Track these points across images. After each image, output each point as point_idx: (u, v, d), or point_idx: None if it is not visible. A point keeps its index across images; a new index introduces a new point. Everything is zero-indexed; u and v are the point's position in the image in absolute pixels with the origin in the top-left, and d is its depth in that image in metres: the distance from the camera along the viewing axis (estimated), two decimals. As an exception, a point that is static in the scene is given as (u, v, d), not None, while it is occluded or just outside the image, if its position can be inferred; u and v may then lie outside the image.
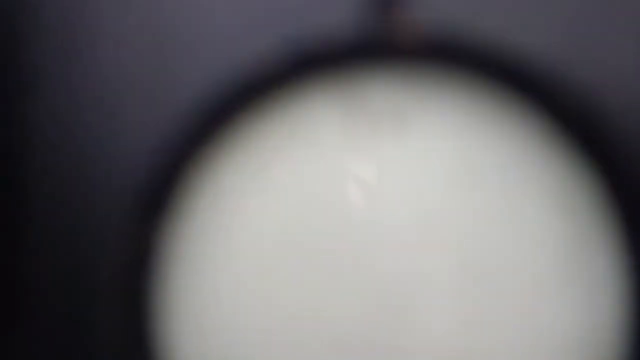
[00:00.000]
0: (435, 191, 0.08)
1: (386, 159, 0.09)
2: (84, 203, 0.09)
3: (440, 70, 0.08)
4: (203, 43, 0.09)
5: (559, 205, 0.08)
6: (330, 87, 0.09)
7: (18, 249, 0.10)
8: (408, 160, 0.08)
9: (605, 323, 0.09)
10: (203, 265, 0.09)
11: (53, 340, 0.09)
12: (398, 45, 0.08)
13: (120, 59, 0.09)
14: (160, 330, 0.09)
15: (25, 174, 0.09)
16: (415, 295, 0.08)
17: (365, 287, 0.08)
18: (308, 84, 0.09)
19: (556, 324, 0.08)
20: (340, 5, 0.09)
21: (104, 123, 0.09)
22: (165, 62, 0.09)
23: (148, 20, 0.09)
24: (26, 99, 0.09)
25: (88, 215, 0.09)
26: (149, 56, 0.09)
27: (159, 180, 0.08)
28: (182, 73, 0.09)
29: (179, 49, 0.09)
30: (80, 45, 0.09)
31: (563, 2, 0.09)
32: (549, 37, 0.09)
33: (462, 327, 0.08)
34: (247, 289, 0.09)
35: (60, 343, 0.09)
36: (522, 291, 0.08)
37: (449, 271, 0.08)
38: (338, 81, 0.08)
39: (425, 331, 0.08)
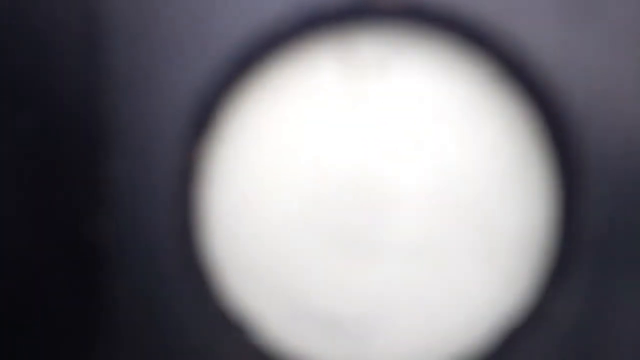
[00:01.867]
0: (412, 120, 0.11)
1: (373, 97, 0.11)
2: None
3: (416, 27, 0.10)
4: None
5: (509, 134, 0.11)
6: (327, 42, 0.11)
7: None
8: (391, 97, 0.11)
9: (541, 223, 0.11)
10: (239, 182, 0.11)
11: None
12: (382, 7, 0.10)
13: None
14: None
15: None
16: (396, 199, 0.11)
17: (354, 190, 0.11)
18: (310, 39, 0.11)
19: (505, 223, 0.11)
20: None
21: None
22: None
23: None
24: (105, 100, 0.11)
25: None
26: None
27: (203, 112, 0.10)
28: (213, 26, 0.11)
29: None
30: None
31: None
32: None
33: (433, 225, 0.11)
34: (271, 202, 0.11)
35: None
36: (480, 197, 0.11)
37: (425, 180, 0.11)
38: (334, 37, 0.11)
39: (402, 227, 0.11)
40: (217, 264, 0.12)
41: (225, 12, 0.11)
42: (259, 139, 0.11)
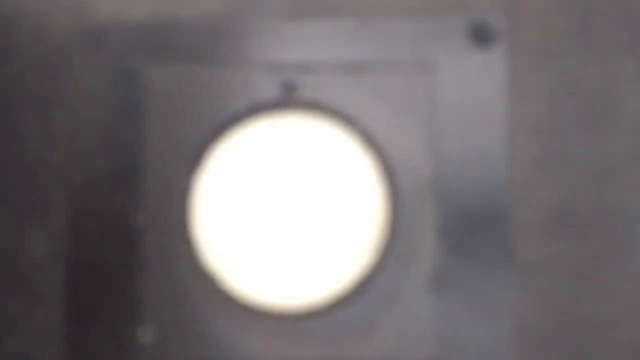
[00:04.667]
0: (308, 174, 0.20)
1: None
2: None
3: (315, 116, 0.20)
4: None
5: (359, 181, 0.20)
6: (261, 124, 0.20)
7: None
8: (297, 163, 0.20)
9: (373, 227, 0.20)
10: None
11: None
12: (294, 103, 0.19)
13: None
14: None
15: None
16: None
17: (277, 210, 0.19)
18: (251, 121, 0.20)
19: (351, 225, 0.20)
20: None
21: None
22: None
23: None
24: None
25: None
26: None
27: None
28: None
29: None
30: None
31: None
32: None
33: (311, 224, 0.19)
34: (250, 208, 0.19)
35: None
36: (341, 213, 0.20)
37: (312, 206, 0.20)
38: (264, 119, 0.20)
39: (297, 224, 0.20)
40: (205, 244, 0.20)
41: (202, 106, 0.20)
42: (229, 175, 0.20)
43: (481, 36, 0.19)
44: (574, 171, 0.20)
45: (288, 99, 0.20)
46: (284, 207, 0.20)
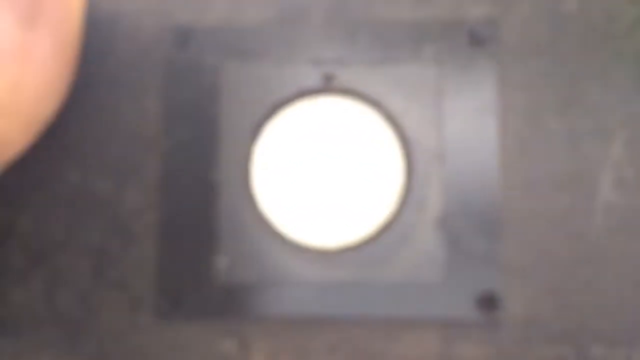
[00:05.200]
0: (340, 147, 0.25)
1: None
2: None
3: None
4: None
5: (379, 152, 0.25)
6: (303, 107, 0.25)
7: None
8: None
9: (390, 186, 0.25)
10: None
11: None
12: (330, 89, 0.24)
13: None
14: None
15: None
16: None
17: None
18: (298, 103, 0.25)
19: (375, 181, 0.25)
20: None
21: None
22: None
23: None
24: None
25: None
26: None
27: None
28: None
29: None
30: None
31: None
32: None
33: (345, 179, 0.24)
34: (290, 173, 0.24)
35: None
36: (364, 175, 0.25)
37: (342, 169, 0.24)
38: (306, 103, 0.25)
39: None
40: (264, 196, 0.24)
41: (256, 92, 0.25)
42: (282, 144, 0.25)
43: (476, 42, 0.24)
44: (549, 144, 0.24)
45: (327, 86, 0.24)
46: (324, 168, 0.24)
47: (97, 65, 0.25)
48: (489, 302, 0.23)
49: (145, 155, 0.24)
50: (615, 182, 0.23)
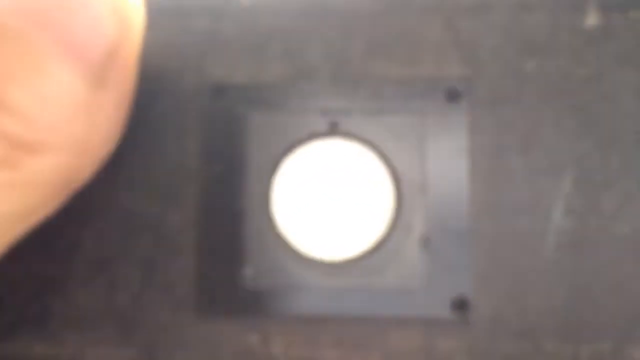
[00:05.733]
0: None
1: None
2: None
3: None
4: None
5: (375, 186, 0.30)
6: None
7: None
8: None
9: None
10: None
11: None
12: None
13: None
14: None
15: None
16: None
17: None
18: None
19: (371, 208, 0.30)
20: None
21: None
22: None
23: None
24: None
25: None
26: None
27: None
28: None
29: None
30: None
31: None
32: None
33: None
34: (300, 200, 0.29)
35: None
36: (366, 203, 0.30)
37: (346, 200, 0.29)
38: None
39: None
40: (281, 219, 0.27)
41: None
42: (295, 177, 0.28)
43: (452, 96, 0.29)
44: (511, 179, 0.28)
45: (333, 131, 0.27)
46: (330, 197, 0.27)
47: (146, 112, 0.28)
48: (462, 305, 0.26)
49: (185, 185, 0.28)
50: (565, 210, 0.27)
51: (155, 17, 0.29)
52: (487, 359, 0.26)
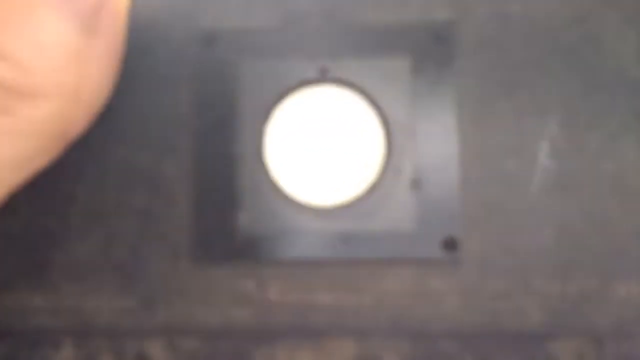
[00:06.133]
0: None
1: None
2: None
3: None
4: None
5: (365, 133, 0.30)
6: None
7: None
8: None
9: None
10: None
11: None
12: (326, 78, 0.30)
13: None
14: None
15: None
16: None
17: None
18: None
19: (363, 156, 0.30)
20: None
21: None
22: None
23: None
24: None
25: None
26: None
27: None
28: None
29: None
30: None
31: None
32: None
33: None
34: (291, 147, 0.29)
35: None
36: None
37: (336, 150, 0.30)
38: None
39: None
40: (273, 163, 0.28)
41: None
42: (287, 122, 0.29)
43: (439, 39, 0.29)
44: (498, 122, 0.28)
45: (323, 77, 0.28)
46: (322, 142, 0.28)
47: (137, 62, 0.28)
48: (452, 245, 0.27)
49: (179, 134, 0.28)
50: (550, 152, 0.28)
51: (144, -34, 0.29)
52: (477, 297, 0.27)
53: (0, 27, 0.20)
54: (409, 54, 0.28)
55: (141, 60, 0.28)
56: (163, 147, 0.28)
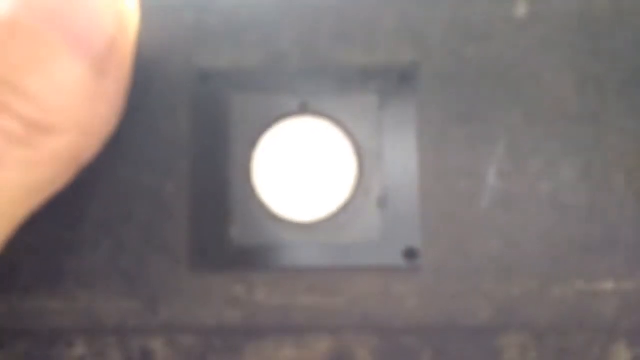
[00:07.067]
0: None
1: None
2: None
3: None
4: None
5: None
6: None
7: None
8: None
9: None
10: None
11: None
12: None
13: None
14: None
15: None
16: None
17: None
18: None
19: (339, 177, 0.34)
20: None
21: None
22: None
23: None
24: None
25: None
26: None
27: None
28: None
29: None
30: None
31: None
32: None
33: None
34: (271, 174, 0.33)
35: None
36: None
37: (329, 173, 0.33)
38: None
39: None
40: (260, 184, 0.29)
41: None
42: (271, 150, 0.30)
43: (404, 78, 0.32)
44: (452, 146, 0.30)
45: (303, 111, 0.29)
46: (302, 167, 0.30)
47: (142, 96, 0.30)
48: (412, 254, 0.29)
49: (178, 158, 0.30)
50: (497, 173, 0.29)
51: (147, 13, 0.29)
52: (435, 299, 0.29)
53: (23, 70, 0.21)
54: (378, 91, 0.29)
55: (145, 94, 0.30)
56: (164, 169, 0.30)
